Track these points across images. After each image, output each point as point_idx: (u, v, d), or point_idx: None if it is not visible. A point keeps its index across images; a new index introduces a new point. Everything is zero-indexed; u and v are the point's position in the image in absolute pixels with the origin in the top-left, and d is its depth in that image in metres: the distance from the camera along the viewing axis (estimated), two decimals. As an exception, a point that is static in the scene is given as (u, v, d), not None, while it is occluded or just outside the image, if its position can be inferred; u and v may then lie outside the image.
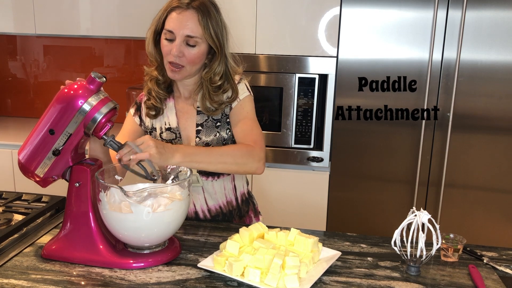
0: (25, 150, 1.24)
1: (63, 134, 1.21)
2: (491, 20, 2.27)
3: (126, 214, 1.17)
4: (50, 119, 1.20)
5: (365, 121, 2.47)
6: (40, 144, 1.22)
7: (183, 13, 1.37)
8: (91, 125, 1.20)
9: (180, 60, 1.39)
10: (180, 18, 1.37)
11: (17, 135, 2.91)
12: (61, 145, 1.21)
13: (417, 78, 2.38)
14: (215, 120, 1.50)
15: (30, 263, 1.21)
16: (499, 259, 1.30)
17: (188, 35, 1.37)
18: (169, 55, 1.40)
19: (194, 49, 1.39)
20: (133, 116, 1.59)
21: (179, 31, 1.37)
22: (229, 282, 1.14)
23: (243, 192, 1.62)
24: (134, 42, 3.16)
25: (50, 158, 1.23)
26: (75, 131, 1.21)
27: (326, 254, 1.26)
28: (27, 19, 2.86)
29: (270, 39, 2.49)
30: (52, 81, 3.32)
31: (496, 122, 2.37)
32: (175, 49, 1.37)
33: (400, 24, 2.35)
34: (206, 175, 1.52)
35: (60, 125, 1.20)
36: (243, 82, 1.52)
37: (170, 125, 1.53)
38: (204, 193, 1.54)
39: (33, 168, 1.24)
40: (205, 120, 1.50)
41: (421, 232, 1.16)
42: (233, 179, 1.57)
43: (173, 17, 1.38)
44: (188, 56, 1.39)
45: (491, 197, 2.45)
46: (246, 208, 1.63)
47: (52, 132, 1.20)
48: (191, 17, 1.37)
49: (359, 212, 2.58)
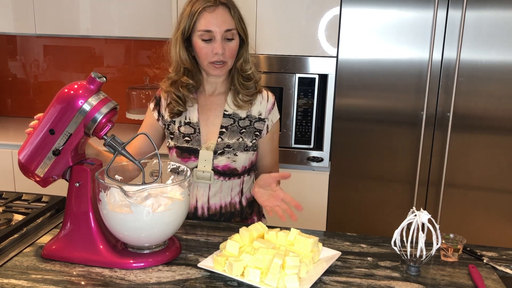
0: (25, 150, 1.24)
1: (63, 134, 1.21)
2: (491, 20, 2.27)
3: (126, 214, 1.17)
4: (50, 119, 1.20)
5: (365, 121, 2.47)
6: (40, 144, 1.22)
7: (216, 10, 1.41)
8: (91, 125, 1.20)
9: (223, 56, 1.43)
10: (215, 15, 1.40)
11: (17, 135, 2.91)
12: (61, 145, 1.21)
13: (417, 78, 2.38)
14: (241, 127, 1.52)
15: (30, 263, 1.21)
16: (499, 259, 1.30)
17: (227, 29, 1.41)
18: (210, 55, 1.42)
19: (233, 42, 1.44)
20: (152, 111, 1.61)
21: (218, 28, 1.40)
22: (229, 282, 1.14)
23: (249, 196, 1.62)
24: (134, 42, 3.16)
25: (50, 158, 1.23)
26: (75, 131, 1.21)
27: (326, 254, 1.26)
28: (27, 19, 2.86)
29: (270, 39, 2.49)
30: (52, 81, 3.32)
31: (496, 122, 2.37)
32: (218, 47, 1.41)
33: (400, 24, 2.35)
34: (218, 174, 1.53)
35: (60, 125, 1.20)
36: (276, 104, 1.60)
37: (190, 120, 1.54)
38: (209, 190, 1.54)
39: (33, 168, 1.24)
40: (231, 124, 1.52)
41: (421, 232, 1.16)
42: (242, 182, 1.58)
43: (207, 17, 1.41)
44: (229, 50, 1.44)
45: (491, 197, 2.44)
46: (250, 211, 1.63)
47: (52, 132, 1.20)
48: (223, 12, 1.42)
49: (359, 212, 2.58)
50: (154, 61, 3.16)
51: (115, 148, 1.23)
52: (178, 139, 1.55)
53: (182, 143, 1.54)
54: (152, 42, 3.12)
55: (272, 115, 1.59)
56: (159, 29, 2.78)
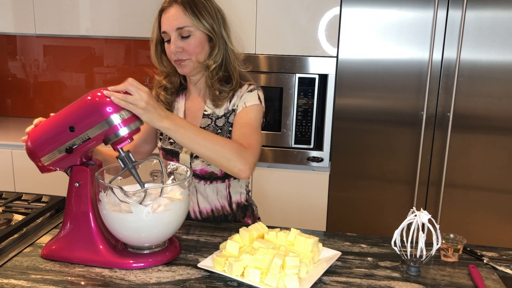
0: (37, 136, 1.22)
1: (82, 135, 1.18)
2: (491, 20, 2.28)
3: (126, 214, 1.17)
4: (74, 115, 1.17)
5: (365, 121, 2.47)
6: (55, 135, 1.20)
7: (169, 10, 1.42)
8: (113, 138, 1.17)
9: (181, 54, 1.42)
10: (168, 15, 1.42)
11: (17, 135, 2.91)
12: (76, 144, 1.19)
13: (417, 78, 2.38)
14: (218, 127, 1.50)
15: (30, 263, 1.21)
16: (499, 259, 1.30)
17: (178, 27, 1.40)
18: (171, 54, 1.44)
19: (190, 39, 1.42)
20: None
21: (170, 28, 1.41)
22: (229, 282, 1.14)
23: (239, 200, 1.58)
24: (134, 42, 3.16)
25: (61, 152, 1.21)
26: (95, 136, 1.18)
27: (326, 254, 1.26)
28: (27, 19, 2.86)
29: (270, 39, 2.49)
30: (52, 81, 3.32)
31: (496, 122, 2.37)
32: (172, 45, 1.41)
33: (400, 24, 2.35)
34: (198, 178, 1.52)
35: (82, 126, 1.17)
36: (256, 91, 1.49)
37: None
38: (197, 194, 1.54)
39: (40, 155, 1.22)
40: (208, 124, 1.50)
41: (421, 232, 1.16)
42: (228, 186, 1.55)
43: (162, 19, 1.44)
44: (187, 48, 1.42)
45: (491, 197, 2.45)
46: (242, 214, 1.60)
47: (72, 129, 1.17)
48: (176, 11, 1.41)
49: (359, 212, 2.58)
50: (154, 61, 3.16)
51: (126, 164, 1.21)
52: (164, 140, 1.56)
53: (167, 145, 1.54)
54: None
55: (245, 99, 1.47)
56: (159, 29, 2.78)
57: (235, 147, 1.31)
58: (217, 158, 1.29)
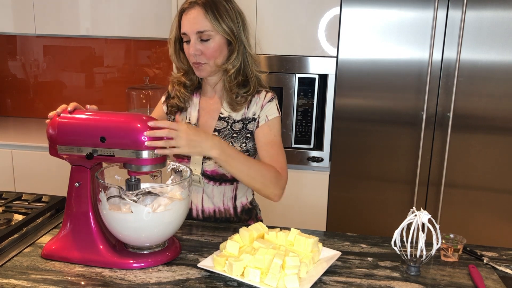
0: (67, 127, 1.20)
1: (109, 150, 1.18)
2: (491, 20, 2.27)
3: (126, 214, 1.17)
4: (111, 128, 1.18)
5: (365, 121, 2.47)
6: (83, 135, 1.19)
7: (190, 12, 1.41)
8: (134, 168, 1.18)
9: (200, 58, 1.42)
10: (188, 17, 1.41)
11: (17, 135, 2.91)
12: (98, 154, 1.19)
13: (417, 78, 2.38)
14: (234, 131, 1.50)
15: (30, 263, 1.21)
16: (499, 259, 1.30)
17: (198, 31, 1.40)
18: (189, 56, 1.44)
19: (210, 43, 1.41)
20: (162, 104, 1.63)
21: (190, 30, 1.40)
22: (229, 282, 1.14)
23: (245, 203, 1.59)
24: (134, 42, 3.16)
25: (79, 151, 1.20)
26: (119, 158, 1.18)
27: (326, 254, 1.26)
28: (27, 19, 2.86)
29: (270, 39, 2.49)
30: (52, 81, 3.32)
31: (496, 122, 2.37)
32: (191, 48, 1.41)
33: (400, 24, 2.35)
34: (208, 178, 1.52)
35: (113, 142, 1.17)
36: (275, 101, 1.51)
37: (190, 121, 1.55)
38: (203, 193, 1.54)
39: (60, 142, 1.21)
40: (223, 127, 1.50)
41: (421, 232, 1.16)
42: (235, 188, 1.55)
43: (183, 19, 1.43)
44: (206, 51, 1.42)
45: (491, 197, 2.44)
46: (247, 217, 1.60)
47: (102, 140, 1.17)
48: (197, 13, 1.40)
49: (359, 212, 2.58)
50: (154, 61, 3.16)
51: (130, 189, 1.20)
52: None
53: None
54: (152, 42, 3.13)
55: (266, 110, 1.49)
56: (159, 29, 2.78)
57: (273, 176, 1.41)
58: (255, 184, 1.40)
